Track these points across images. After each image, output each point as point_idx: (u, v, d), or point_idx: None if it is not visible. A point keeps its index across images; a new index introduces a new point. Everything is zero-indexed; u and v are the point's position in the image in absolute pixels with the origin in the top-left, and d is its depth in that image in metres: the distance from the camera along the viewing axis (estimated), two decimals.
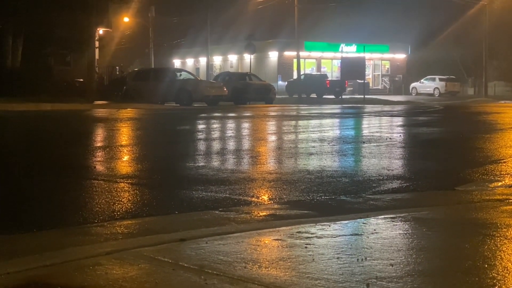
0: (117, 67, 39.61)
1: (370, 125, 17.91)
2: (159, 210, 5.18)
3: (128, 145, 11.37)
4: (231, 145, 11.31)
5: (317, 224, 4.27)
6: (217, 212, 5.05)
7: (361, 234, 4.04)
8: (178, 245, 3.74)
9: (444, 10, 60.52)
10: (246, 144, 11.66)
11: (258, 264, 3.31)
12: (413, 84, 61.39)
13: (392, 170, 7.61)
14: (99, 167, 7.97)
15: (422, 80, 60.65)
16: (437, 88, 58.65)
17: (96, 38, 37.05)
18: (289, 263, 3.33)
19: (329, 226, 4.21)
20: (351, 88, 55.09)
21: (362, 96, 43.96)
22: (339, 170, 7.71)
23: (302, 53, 54.87)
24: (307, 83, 49.15)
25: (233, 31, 59.11)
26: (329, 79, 51.98)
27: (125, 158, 9.28)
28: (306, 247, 3.64)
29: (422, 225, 4.27)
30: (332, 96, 47.03)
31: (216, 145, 11.31)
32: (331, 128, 16.56)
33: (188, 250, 3.60)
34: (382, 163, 8.34)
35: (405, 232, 4.08)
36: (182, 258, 3.42)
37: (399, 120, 20.26)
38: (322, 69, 63.24)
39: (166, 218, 4.91)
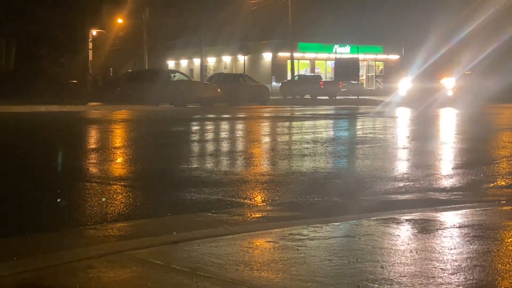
0: (110, 69, 39.53)
1: (364, 126, 17.94)
2: (152, 212, 5.19)
3: (122, 147, 11.37)
4: (224, 146, 11.32)
5: (309, 226, 4.29)
6: (209, 214, 5.07)
7: (353, 236, 4.05)
8: (170, 247, 3.76)
9: (437, 10, 60.63)
10: (239, 145, 11.67)
11: (250, 266, 3.32)
12: None
13: (385, 171, 7.63)
14: (92, 169, 7.97)
15: None
16: None
17: (90, 40, 37.09)
18: (280, 265, 3.34)
19: (321, 228, 4.23)
20: (345, 89, 55.14)
21: (356, 97, 44.02)
22: (332, 171, 7.73)
23: (296, 54, 54.95)
24: (301, 84, 49.23)
25: (227, 32, 59.09)
26: (323, 80, 52.03)
27: (119, 160, 9.29)
28: (298, 249, 3.65)
29: (413, 227, 4.29)
30: (326, 97, 47.07)
31: (209, 147, 11.31)
32: (324, 129, 16.57)
33: (181, 253, 3.62)
34: (375, 164, 8.36)
35: (397, 234, 4.10)
36: (175, 260, 3.44)
37: (393, 121, 20.28)
38: (316, 70, 63.32)
39: (159, 220, 4.92)
